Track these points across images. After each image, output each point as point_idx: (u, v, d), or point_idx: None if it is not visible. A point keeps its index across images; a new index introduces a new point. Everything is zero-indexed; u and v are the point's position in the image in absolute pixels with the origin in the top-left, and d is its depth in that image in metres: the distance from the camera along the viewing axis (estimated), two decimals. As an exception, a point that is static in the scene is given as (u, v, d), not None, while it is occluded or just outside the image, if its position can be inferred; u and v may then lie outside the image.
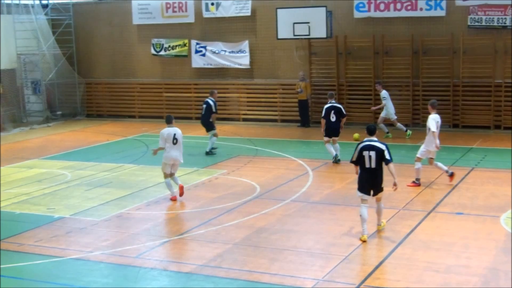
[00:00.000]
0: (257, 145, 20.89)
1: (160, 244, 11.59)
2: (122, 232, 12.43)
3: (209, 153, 19.64)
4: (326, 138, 18.11)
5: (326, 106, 18.20)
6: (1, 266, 10.52)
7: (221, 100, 26.09)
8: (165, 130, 14.73)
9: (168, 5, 27.01)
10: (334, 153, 17.99)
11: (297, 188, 15.27)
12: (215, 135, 19.89)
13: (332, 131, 17.97)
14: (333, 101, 18.36)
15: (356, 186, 14.99)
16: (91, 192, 15.43)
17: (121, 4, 28.36)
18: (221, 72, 26.73)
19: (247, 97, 26.30)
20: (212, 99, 19.97)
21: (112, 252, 11.14)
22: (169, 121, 14.92)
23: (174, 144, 14.53)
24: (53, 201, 14.75)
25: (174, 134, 14.60)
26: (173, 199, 14.49)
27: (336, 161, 17.95)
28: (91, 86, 29.44)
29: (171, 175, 14.63)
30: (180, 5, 26.78)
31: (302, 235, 11.86)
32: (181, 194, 14.52)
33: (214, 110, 19.86)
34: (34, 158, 19.92)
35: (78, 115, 29.16)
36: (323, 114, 18.07)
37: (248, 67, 26.00)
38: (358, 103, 24.04)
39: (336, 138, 18.13)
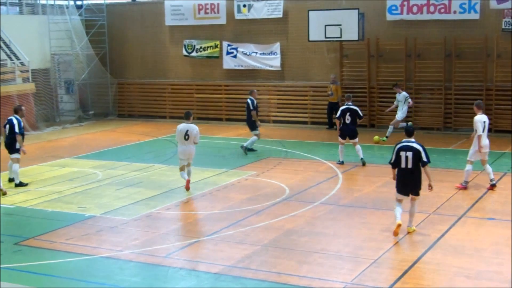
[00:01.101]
0: (287, 147, 20.88)
1: (189, 244, 11.64)
2: (151, 231, 12.53)
3: (244, 148, 19.82)
4: (341, 140, 18.23)
5: (342, 107, 18.50)
6: (34, 263, 10.68)
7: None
8: (179, 126, 15.53)
9: (201, 7, 27.15)
10: (342, 158, 18.19)
11: (327, 191, 15.23)
12: (256, 135, 20.02)
13: (347, 132, 18.12)
14: (350, 103, 18.51)
15: (385, 189, 14.95)
16: (122, 192, 15.57)
17: (154, 5, 28.60)
18: (252, 73, 26.78)
19: (278, 99, 26.31)
20: (251, 97, 20.16)
21: (142, 251, 11.23)
22: (186, 117, 15.65)
23: (186, 139, 15.29)
24: (84, 199, 14.91)
25: (187, 131, 15.32)
26: (187, 187, 15.36)
27: (362, 163, 18.04)
28: (123, 86, 29.71)
29: (187, 165, 15.49)
30: (212, 6, 26.90)
31: (331, 238, 11.83)
32: (187, 188, 15.26)
33: (251, 107, 20.07)
34: (66, 157, 20.17)
35: (109, 115, 29.45)
36: (337, 115, 18.36)
37: (279, 69, 26.01)
38: (389, 106, 23.86)
39: (355, 141, 18.20)
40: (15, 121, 16.19)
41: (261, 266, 10.42)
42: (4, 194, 15.43)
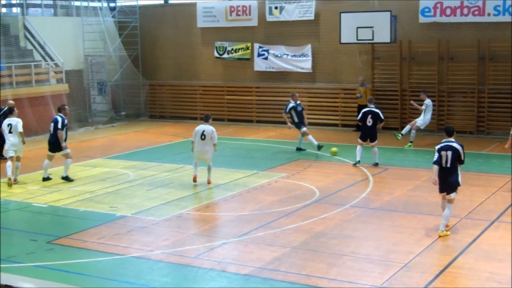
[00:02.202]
0: (313, 147, 20.78)
1: (219, 245, 11.68)
2: (182, 232, 12.59)
3: (299, 149, 20.21)
4: (361, 141, 18.29)
5: (364, 110, 18.59)
6: (66, 261, 10.82)
7: (282, 103, 26.14)
8: (197, 127, 16.33)
9: (232, 9, 27.24)
10: (359, 158, 18.24)
11: (357, 194, 15.16)
12: (303, 133, 20.31)
13: (368, 135, 18.24)
14: (372, 106, 18.59)
15: (417, 193, 14.86)
16: (153, 192, 15.68)
17: (186, 7, 28.77)
18: (283, 75, 26.79)
19: (309, 101, 26.24)
20: (291, 101, 20.46)
21: (172, 251, 11.30)
22: (205, 119, 16.57)
23: (202, 139, 15.98)
24: (115, 199, 15.05)
25: (203, 131, 16.05)
26: (193, 179, 16.27)
27: (375, 165, 18.13)
28: (155, 87, 29.93)
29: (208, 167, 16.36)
30: (244, 8, 26.97)
31: (361, 241, 11.77)
32: (194, 180, 16.30)
33: (284, 110, 20.65)
34: (98, 157, 20.38)
35: (141, 116, 29.68)
36: (359, 118, 18.54)
37: (310, 71, 25.98)
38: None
39: (374, 143, 18.23)
40: (59, 119, 16.78)
41: (291, 268, 10.41)
42: (10, 186, 16.31)
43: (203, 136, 16.01)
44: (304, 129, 20.34)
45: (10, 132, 17.12)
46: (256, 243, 11.69)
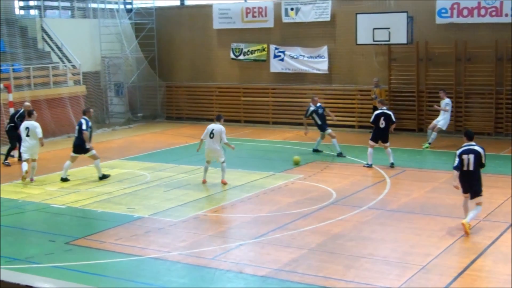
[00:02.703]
0: (334, 150, 20.75)
1: (236, 246, 11.69)
2: (199, 233, 12.62)
3: (340, 155, 19.94)
4: (371, 143, 18.29)
5: (376, 112, 18.55)
6: (84, 262, 10.88)
7: (298, 105, 26.16)
8: (209, 126, 16.64)
9: (248, 10, 27.27)
10: (371, 161, 18.24)
11: (374, 195, 15.12)
12: (329, 135, 20.16)
13: (380, 136, 18.27)
14: (384, 108, 18.62)
15: (434, 194, 14.82)
16: (170, 193, 15.73)
17: (202, 9, 28.85)
18: (299, 77, 26.78)
19: (325, 103, 26.13)
20: (311, 105, 20.46)
21: (189, 253, 11.32)
22: (216, 119, 16.83)
23: (211, 138, 16.37)
24: (133, 201, 15.12)
25: (212, 130, 16.38)
26: (203, 181, 16.57)
27: (391, 165, 18.15)
28: (171, 89, 30.03)
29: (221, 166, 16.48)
30: (260, 10, 26.99)
31: (378, 243, 11.74)
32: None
33: (305, 115, 20.68)
34: (116, 158, 20.48)
35: (158, 118, 29.80)
36: (372, 120, 18.52)
37: (327, 72, 25.95)
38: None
39: (386, 144, 18.28)
40: (83, 121, 17.05)
41: (308, 270, 10.39)
42: (24, 179, 16.84)
43: (212, 134, 16.37)
44: (329, 131, 20.16)
45: (27, 135, 17.26)
46: (273, 244, 11.69)
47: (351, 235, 12.16)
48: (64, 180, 17.04)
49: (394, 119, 18.47)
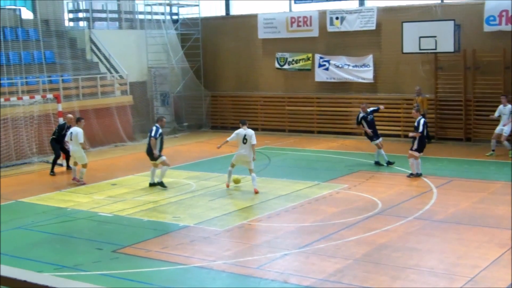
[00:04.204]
0: (382, 160, 20.55)
1: (281, 256, 11.67)
2: (243, 242, 12.66)
3: (387, 163, 19.79)
4: (420, 154, 17.98)
5: (423, 120, 18.14)
6: (130, 270, 11.01)
7: (343, 114, 26.06)
8: (240, 131, 16.85)
9: (293, 20, 27.31)
10: (420, 170, 18.00)
11: (420, 205, 14.93)
12: (376, 145, 20.02)
13: (424, 145, 18.15)
14: (420, 117, 18.42)
15: (482, 205, 14.57)
16: (215, 202, 15.81)
17: (247, 19, 28.99)
18: (344, 86, 26.66)
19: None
20: (361, 111, 20.26)
21: (234, 262, 11.35)
22: (243, 123, 17.12)
23: (244, 143, 16.60)
24: (178, 209, 15.24)
25: (245, 135, 16.64)
26: (227, 186, 16.99)
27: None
28: (216, 98, 30.21)
29: (250, 171, 16.78)
30: (305, 19, 27.00)
31: (425, 254, 11.58)
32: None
33: (356, 122, 20.62)
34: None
35: (203, 127, 30.00)
36: (421, 129, 17.94)
37: (372, 81, 25.78)
38: (486, 119, 23.16)
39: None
40: (154, 128, 17.43)
41: (353, 280, 10.32)
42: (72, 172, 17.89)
43: (245, 140, 16.63)
44: (376, 141, 19.93)
45: (70, 139, 18.19)
46: (318, 254, 11.64)
47: (397, 245, 12.04)
48: (152, 185, 17.43)
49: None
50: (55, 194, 17.24)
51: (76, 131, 18.04)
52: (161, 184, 17.34)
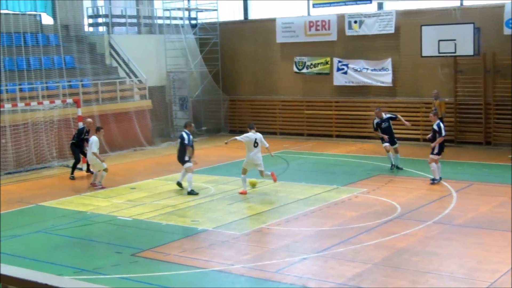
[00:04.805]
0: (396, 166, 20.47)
1: (299, 260, 11.66)
2: (262, 246, 12.66)
3: (396, 168, 19.71)
4: (438, 157, 17.72)
5: (443, 125, 17.99)
6: (149, 274, 11.06)
7: (361, 118, 25.98)
8: (249, 134, 17.06)
9: (311, 24, 27.30)
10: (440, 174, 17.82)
11: (440, 210, 14.84)
12: (384, 147, 19.92)
13: (443, 150, 17.96)
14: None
15: (503, 209, 14.46)
16: (233, 206, 15.83)
17: (265, 23, 29.03)
18: (362, 90, 26.59)
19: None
20: (376, 117, 20.11)
21: (253, 266, 11.36)
22: (251, 127, 17.27)
23: (255, 147, 16.83)
24: (197, 213, 15.28)
25: (255, 139, 16.86)
26: (243, 193, 16.86)
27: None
28: (235, 102, 30.26)
29: (260, 173, 17.09)
30: (323, 23, 26.97)
31: (444, 258, 11.51)
32: (274, 180, 17.17)
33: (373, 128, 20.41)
34: (180, 171, 20.67)
35: (221, 131, 30.05)
36: (444, 133, 17.72)
37: (390, 85, 25.68)
38: (507, 123, 22.98)
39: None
40: (185, 135, 17.55)
41: (372, 284, 10.28)
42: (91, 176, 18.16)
43: (256, 143, 16.86)
44: (385, 145, 19.79)
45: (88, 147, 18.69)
46: (337, 259, 11.61)
47: (416, 250, 11.97)
48: (190, 193, 17.18)
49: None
50: (75, 198, 17.38)
51: (92, 140, 18.33)
52: (191, 192, 17.16)
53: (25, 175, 20.86)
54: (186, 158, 17.47)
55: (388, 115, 20.19)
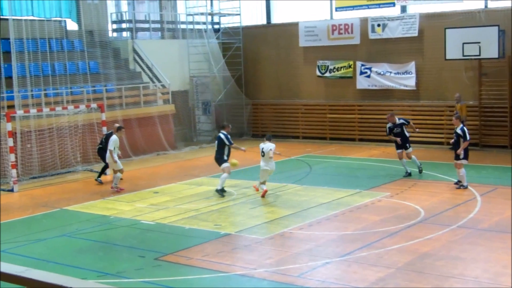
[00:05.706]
0: (424, 168, 20.31)
1: (322, 264, 11.62)
2: (284, 251, 12.64)
3: (407, 174, 19.42)
4: (466, 162, 17.39)
5: (466, 129, 17.55)
6: (172, 278, 11.09)
7: (385, 122, 25.77)
8: (260, 144, 17.49)
9: (334, 27, 27.24)
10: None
11: (464, 214, 14.70)
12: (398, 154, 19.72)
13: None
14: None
15: (529, 214, 14.22)
16: (256, 210, 15.83)
17: (288, 27, 29.03)
18: (386, 93, 26.46)
19: (412, 119, 25.65)
20: (389, 122, 19.81)
21: (275, 270, 11.34)
22: (267, 138, 17.57)
23: (263, 156, 17.18)
24: (219, 217, 15.30)
25: (262, 148, 17.22)
26: (262, 192, 17.13)
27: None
28: (257, 107, 30.29)
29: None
30: (346, 27, 26.90)
31: (469, 263, 11.40)
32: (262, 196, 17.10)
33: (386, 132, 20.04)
34: (203, 176, 20.79)
35: (244, 135, 30.07)
36: (469, 137, 17.32)
37: (414, 88, 25.53)
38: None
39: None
40: (222, 136, 17.81)
41: (395, 289, 10.21)
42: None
43: (262, 153, 17.18)
44: (399, 151, 19.51)
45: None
46: (360, 263, 11.55)
47: (440, 254, 11.87)
48: (219, 191, 17.46)
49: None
50: (99, 202, 17.50)
51: (111, 139, 18.66)
52: (219, 191, 17.39)
53: (49, 179, 21.06)
54: (225, 158, 17.71)
55: (402, 121, 19.89)
